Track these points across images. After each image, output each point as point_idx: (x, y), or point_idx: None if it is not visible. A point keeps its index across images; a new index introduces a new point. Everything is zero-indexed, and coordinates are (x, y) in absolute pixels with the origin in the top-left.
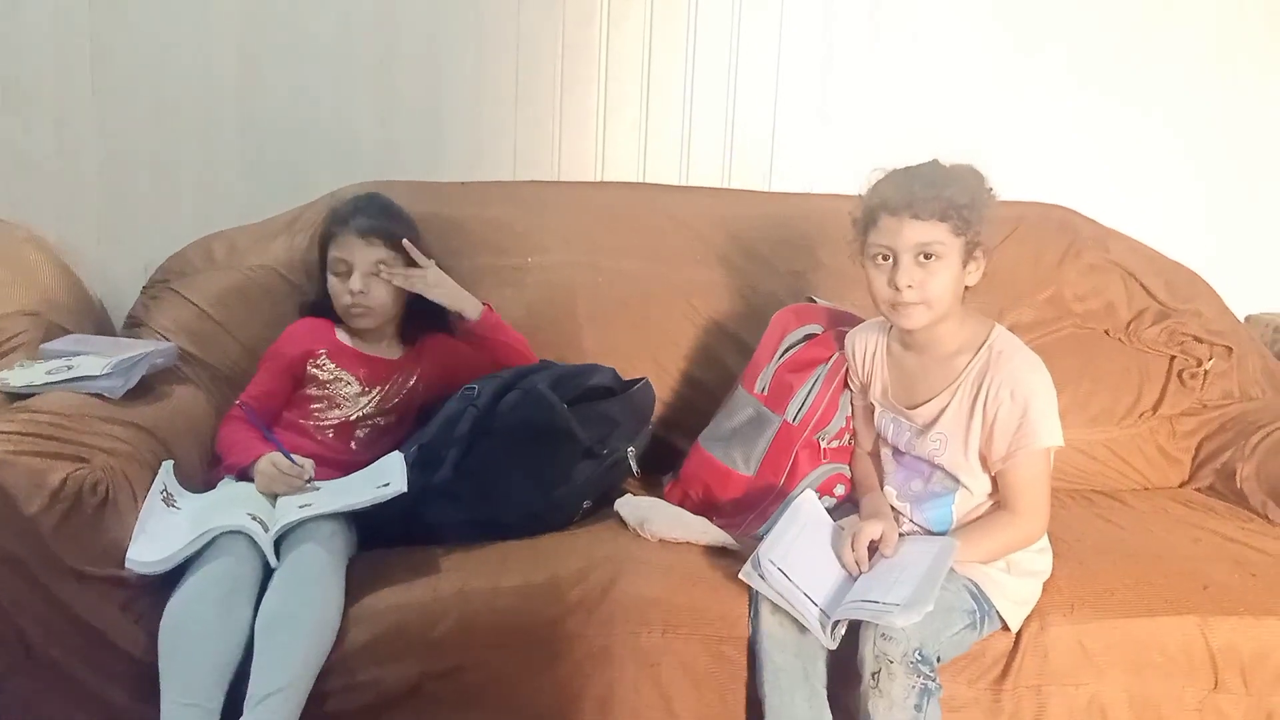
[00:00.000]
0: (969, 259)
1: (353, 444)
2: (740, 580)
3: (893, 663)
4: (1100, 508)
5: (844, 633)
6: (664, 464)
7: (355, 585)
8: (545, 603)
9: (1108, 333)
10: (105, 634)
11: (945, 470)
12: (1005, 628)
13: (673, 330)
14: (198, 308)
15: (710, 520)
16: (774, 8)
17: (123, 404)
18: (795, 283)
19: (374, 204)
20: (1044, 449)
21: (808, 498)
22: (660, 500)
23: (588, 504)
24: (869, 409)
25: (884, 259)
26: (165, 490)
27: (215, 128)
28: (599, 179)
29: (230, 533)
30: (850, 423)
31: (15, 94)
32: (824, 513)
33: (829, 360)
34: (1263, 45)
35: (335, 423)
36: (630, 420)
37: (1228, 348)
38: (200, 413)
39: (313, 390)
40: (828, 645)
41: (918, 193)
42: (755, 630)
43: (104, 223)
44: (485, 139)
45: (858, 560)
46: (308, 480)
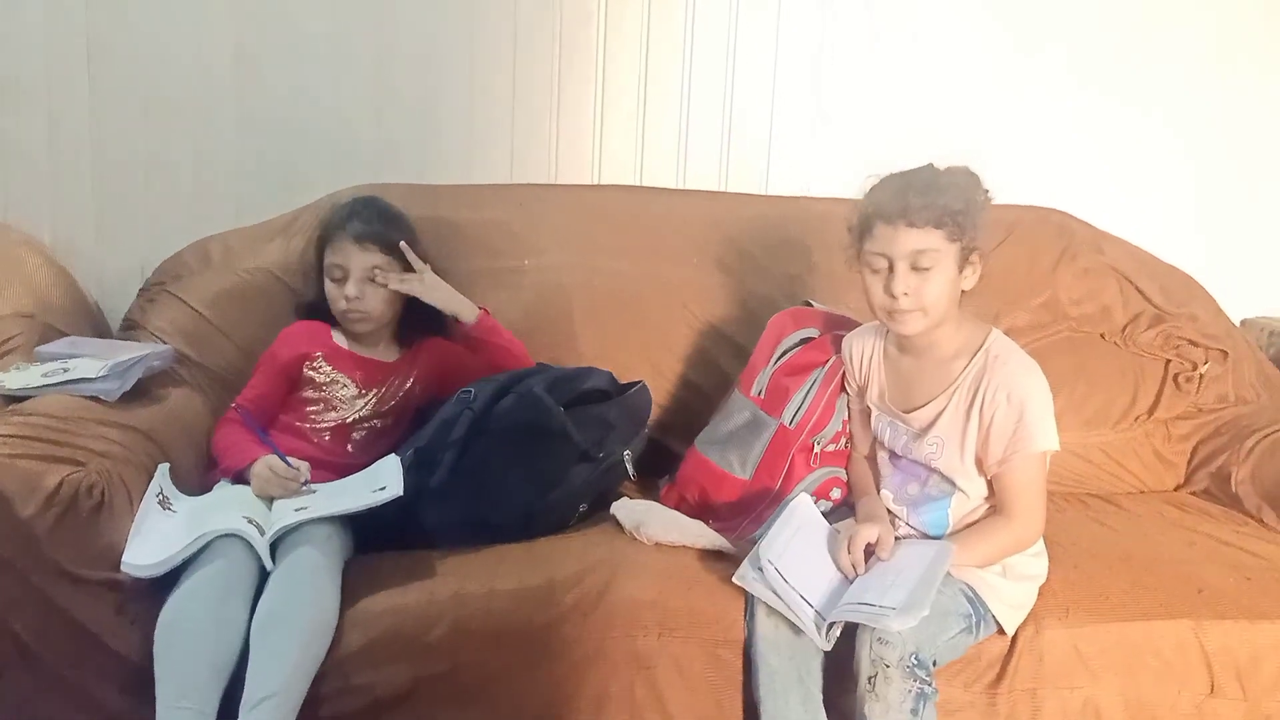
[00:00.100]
0: (965, 264)
1: (349, 446)
2: (736, 584)
3: (889, 667)
4: (1095, 511)
5: (839, 634)
6: (660, 467)
7: (351, 588)
8: (541, 606)
9: (1103, 336)
10: (100, 637)
11: (942, 474)
12: (1001, 632)
13: (669, 333)
14: (194, 310)
15: (706, 523)
16: (771, 10)
17: (119, 407)
18: (792, 286)
19: (370, 208)
20: (1040, 453)
21: (803, 501)
22: (656, 503)
23: (584, 507)
24: (866, 412)
25: (880, 267)
26: (161, 493)
27: (211, 129)
28: (596, 181)
29: (226, 536)
30: (846, 426)
31: (11, 95)
32: (819, 516)
33: (826, 364)
34: (1260, 48)
35: (331, 425)
36: (626, 423)
37: (1223, 351)
38: (196, 415)
39: (309, 393)
40: (823, 646)
41: (912, 201)
42: (751, 633)
43: (100, 225)
44: (482, 141)
45: (853, 563)
46: (303, 483)
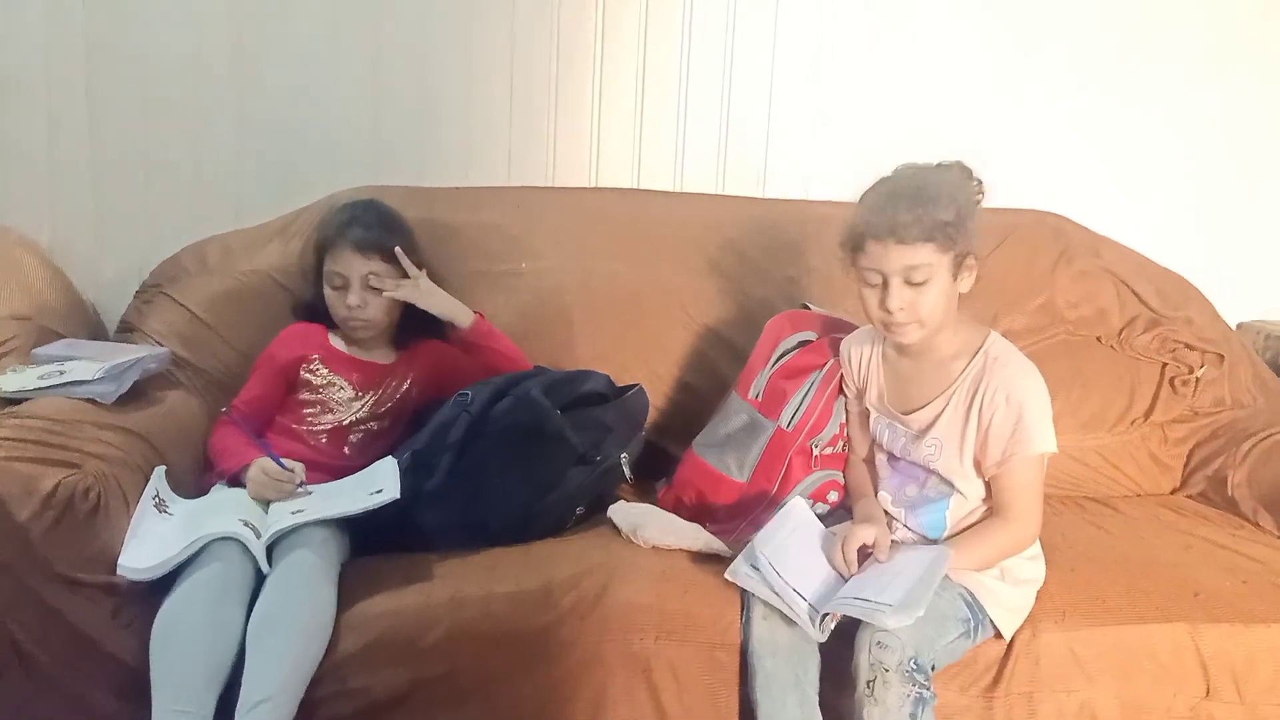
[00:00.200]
0: (959, 270)
1: (346, 449)
2: (733, 586)
3: (888, 671)
4: (1092, 514)
5: (834, 628)
6: (657, 470)
7: (347, 591)
8: (538, 609)
9: (1100, 339)
10: (96, 640)
11: (940, 475)
12: (998, 635)
13: (666, 336)
14: (191, 312)
15: (703, 526)
16: (769, 11)
17: (115, 409)
18: (789, 289)
19: (369, 213)
20: (1037, 455)
21: (799, 504)
22: (653, 506)
23: (581, 510)
24: (864, 415)
25: (874, 281)
26: (158, 496)
27: (209, 131)
28: (593, 184)
29: (222, 539)
30: (844, 429)
31: (9, 96)
32: (815, 518)
33: (823, 367)
34: (1256, 52)
35: (328, 428)
36: (624, 426)
37: (1219, 355)
38: (193, 418)
39: (306, 395)
40: (817, 638)
41: (900, 217)
42: (747, 636)
43: (97, 226)
44: (480, 142)
45: (847, 562)
46: (299, 484)
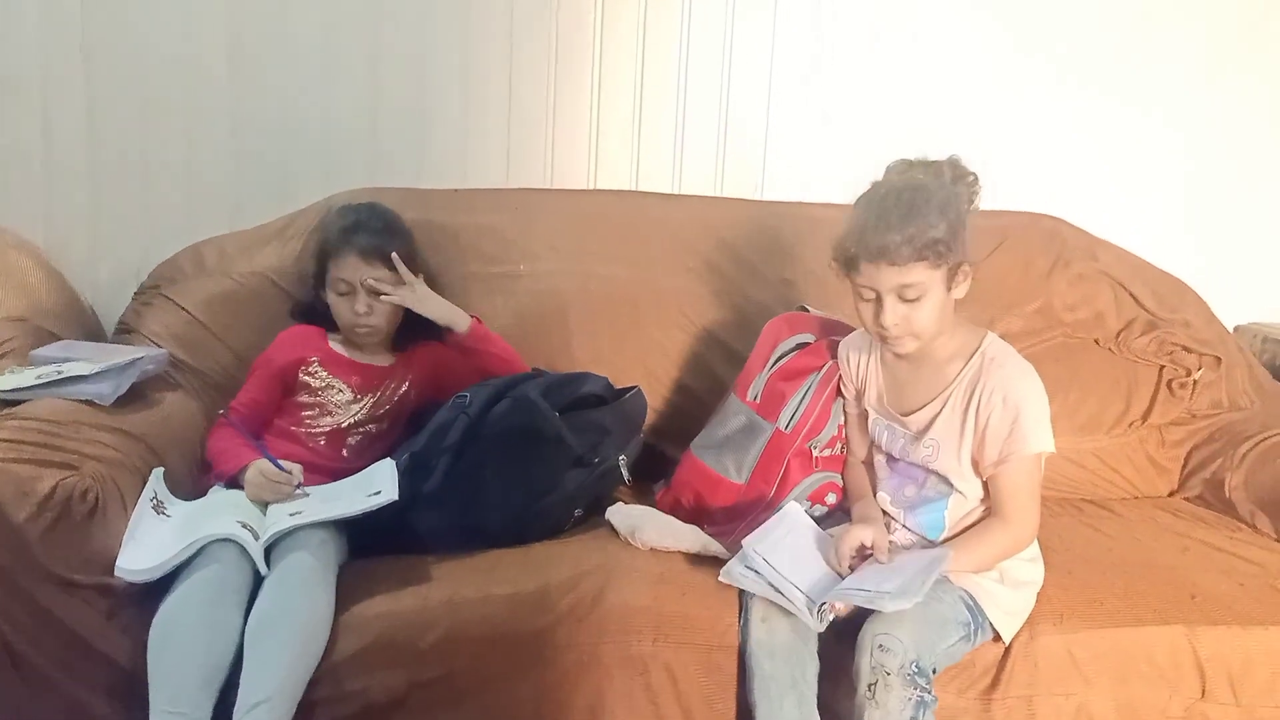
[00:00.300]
0: (953, 281)
1: (344, 451)
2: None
3: (889, 674)
4: (1089, 517)
5: (831, 619)
6: (655, 472)
7: (345, 593)
8: (535, 611)
9: (1097, 342)
10: (92, 642)
11: (939, 475)
12: (997, 638)
13: (665, 338)
14: (189, 314)
15: (701, 528)
16: (767, 13)
17: (113, 410)
18: (787, 291)
19: (375, 219)
20: (1035, 455)
21: (794, 508)
22: (651, 509)
23: (579, 512)
24: (862, 416)
25: (869, 297)
26: (155, 497)
27: (206, 133)
28: (591, 186)
29: (220, 540)
30: (842, 431)
31: (6, 98)
32: (811, 521)
33: (821, 369)
34: (1254, 55)
35: (327, 430)
36: (622, 428)
37: (1216, 357)
38: (191, 419)
39: (304, 398)
40: (815, 628)
41: (890, 238)
42: (745, 638)
43: (94, 228)
44: (477, 145)
45: (840, 558)
46: (296, 486)
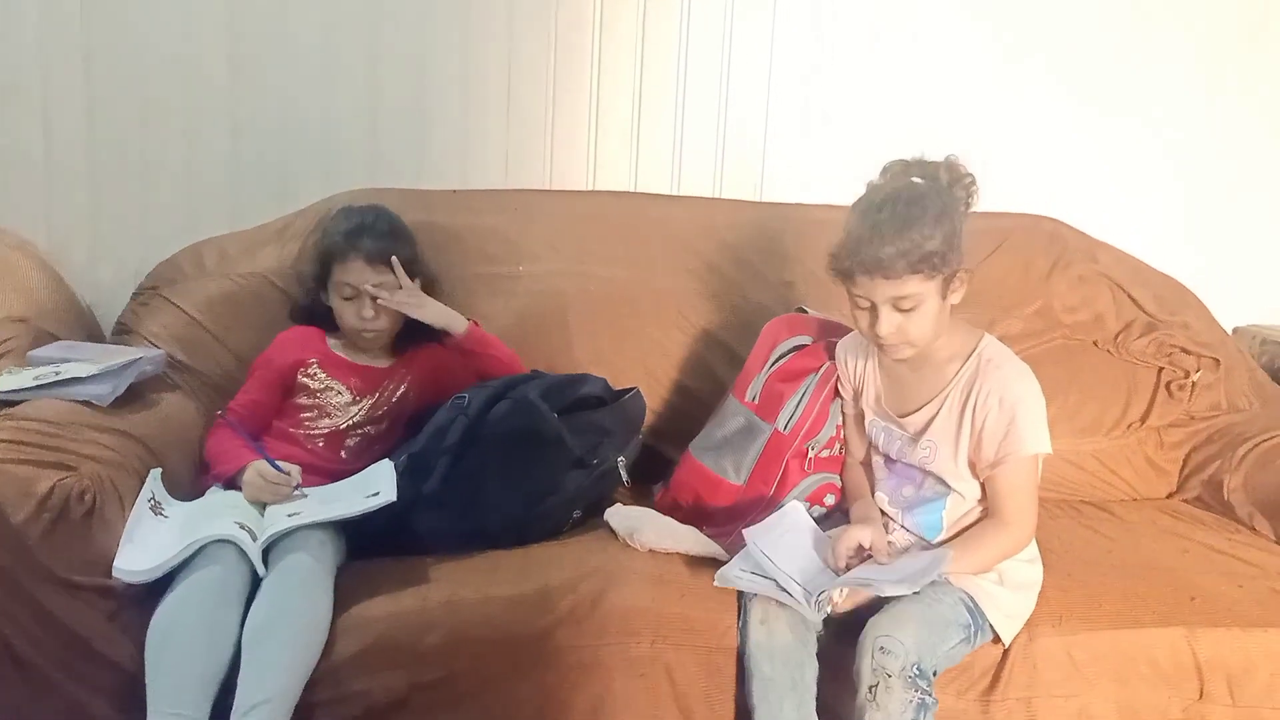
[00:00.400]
0: (949, 289)
1: (343, 453)
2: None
3: (890, 677)
4: (1088, 518)
5: (829, 610)
6: (654, 473)
7: (344, 595)
8: (535, 613)
9: (1096, 344)
10: (91, 644)
11: (936, 476)
12: (996, 639)
13: (664, 339)
14: (187, 315)
15: (700, 530)
16: (766, 14)
17: (111, 411)
18: (786, 293)
19: (380, 222)
20: (1031, 456)
21: (795, 507)
22: (650, 510)
23: (578, 513)
24: (860, 417)
25: (864, 305)
26: (153, 498)
27: (206, 134)
28: (591, 187)
29: (218, 541)
30: (840, 432)
31: (6, 100)
32: (811, 521)
33: (819, 370)
34: (1251, 58)
35: (326, 432)
36: (621, 429)
37: (1215, 359)
38: (189, 420)
39: (303, 399)
40: (812, 618)
41: (884, 252)
42: (744, 640)
43: (94, 229)
44: (477, 146)
45: (836, 557)
46: (295, 487)
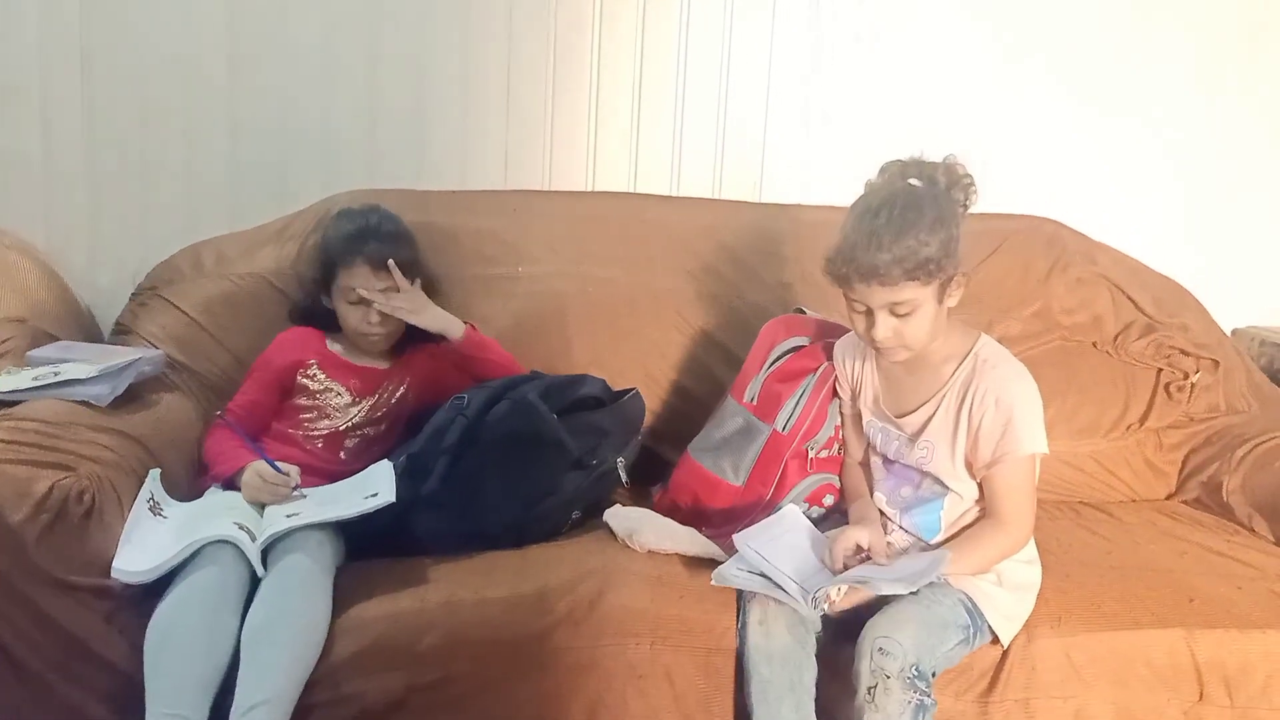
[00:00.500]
0: (945, 293)
1: (342, 454)
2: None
3: (889, 678)
4: (1087, 520)
5: (826, 608)
6: (653, 474)
7: (342, 595)
8: (533, 614)
9: (1095, 345)
10: (89, 645)
11: (934, 476)
12: (995, 641)
13: (662, 340)
14: (186, 315)
15: (699, 531)
16: (766, 15)
17: (110, 412)
18: (784, 294)
19: (383, 226)
20: (1028, 456)
21: (792, 510)
22: (649, 511)
23: (576, 514)
24: (858, 417)
25: (860, 309)
26: (152, 499)
27: (204, 135)
28: (590, 187)
29: (217, 542)
30: (839, 432)
31: (5, 101)
32: (808, 523)
33: (817, 370)
34: (1247, 60)
35: (325, 433)
36: (620, 431)
37: (1214, 361)
38: (188, 421)
39: (302, 400)
40: (809, 615)
41: (880, 259)
42: (743, 641)
43: (93, 229)
44: (476, 147)
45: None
46: (294, 487)
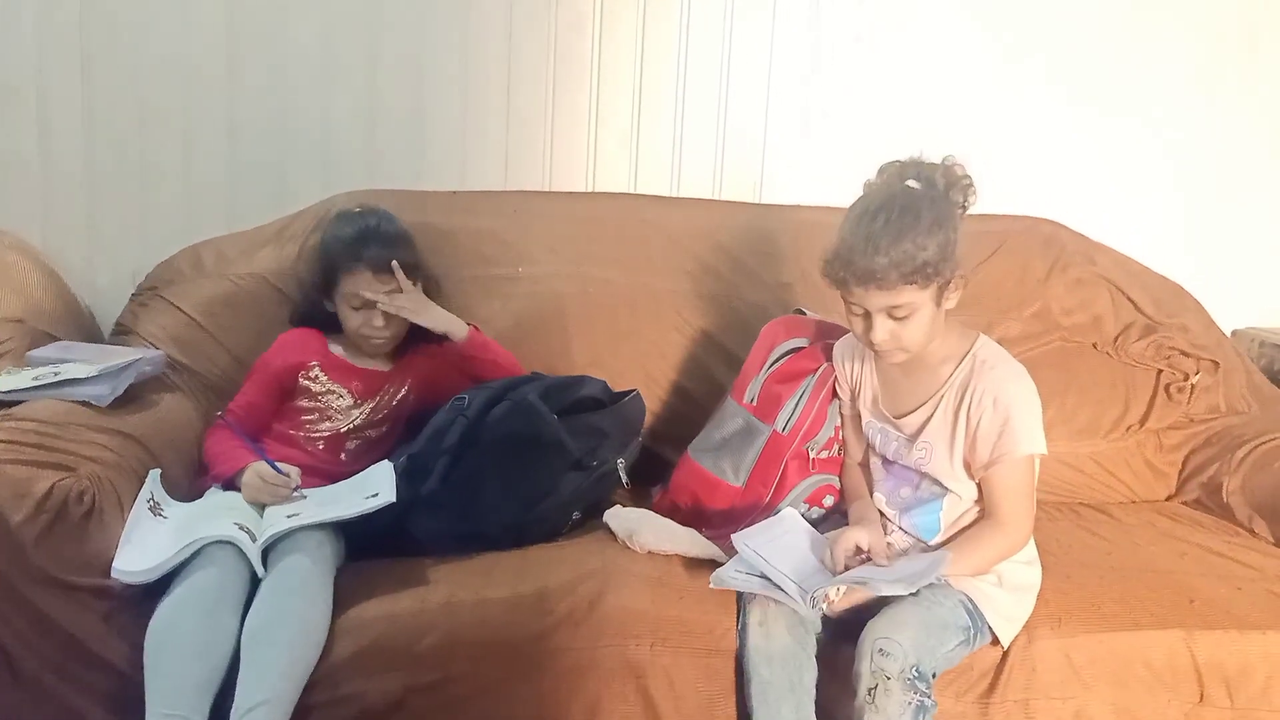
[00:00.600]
0: (944, 295)
1: (343, 455)
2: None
3: (890, 679)
4: (1087, 521)
5: (825, 608)
6: (653, 475)
7: (342, 596)
8: (533, 615)
9: (1095, 346)
10: (88, 645)
11: (933, 478)
12: (995, 642)
13: (662, 341)
14: (186, 315)
15: (699, 532)
16: (765, 17)
17: (110, 412)
18: (783, 294)
19: (383, 229)
20: (1026, 456)
21: (790, 513)
22: (649, 512)
23: (577, 515)
24: (858, 417)
25: (858, 312)
26: (152, 499)
27: (203, 135)
28: (590, 188)
29: (217, 542)
30: (839, 432)
31: (4, 102)
32: (807, 525)
33: (817, 371)
34: (1246, 61)
35: (326, 435)
36: (620, 432)
37: (1214, 362)
38: (188, 421)
39: (304, 402)
40: (807, 614)
41: (878, 264)
42: (743, 644)
43: (92, 230)
44: (476, 147)
45: (835, 560)
46: (294, 488)
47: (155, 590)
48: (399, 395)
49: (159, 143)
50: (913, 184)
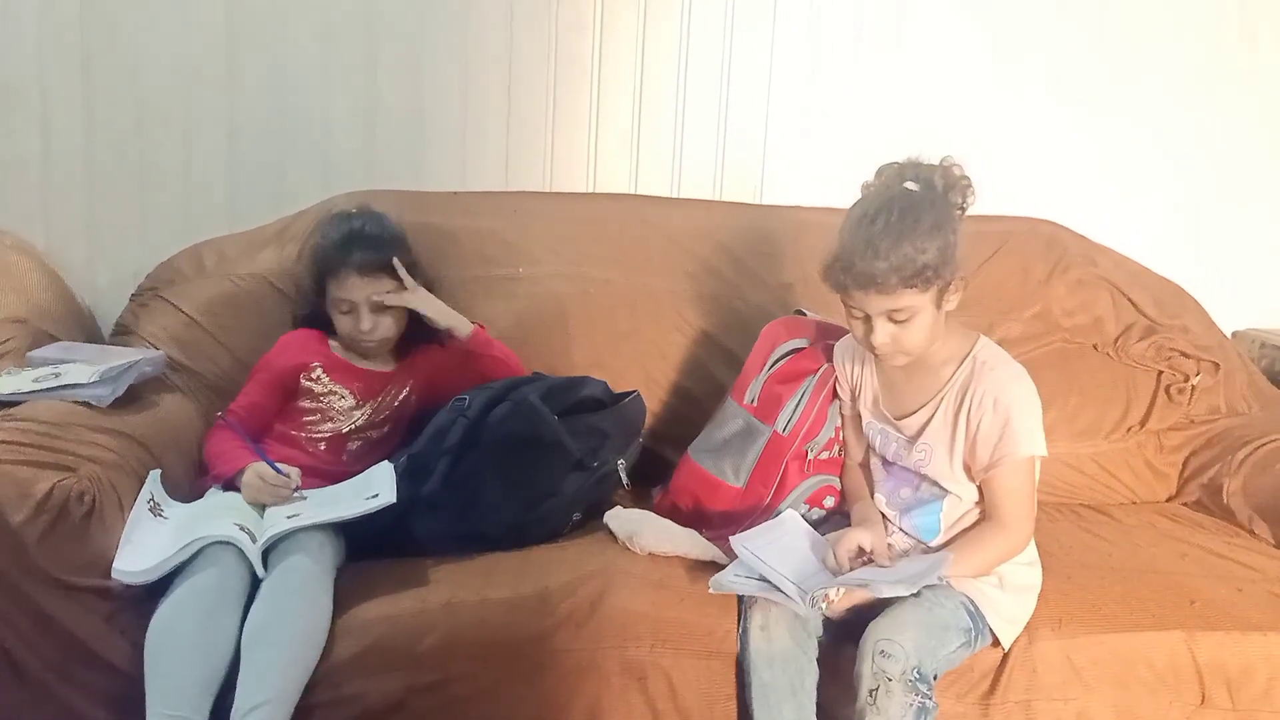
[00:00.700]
0: (944, 298)
1: (344, 456)
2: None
3: (891, 680)
4: (1088, 522)
5: (825, 608)
6: (654, 475)
7: (343, 596)
8: (533, 616)
9: (1096, 347)
10: (89, 646)
11: (932, 479)
12: (996, 643)
13: (663, 342)
14: (187, 316)
15: (700, 533)
16: (766, 19)
17: (110, 412)
18: (784, 295)
19: (369, 231)
20: (1027, 458)
21: (791, 515)
22: (650, 513)
23: (577, 516)
24: (858, 418)
25: (859, 315)
26: (152, 499)
27: (204, 136)
28: (591, 189)
29: (217, 543)
30: (839, 433)
31: (5, 103)
32: (808, 527)
33: (817, 372)
34: (1246, 62)
35: (327, 435)
36: (621, 432)
37: (1215, 363)
38: (188, 421)
39: (306, 403)
40: (807, 614)
41: (877, 267)
42: (743, 646)
43: (92, 230)
44: (476, 148)
45: (839, 563)
46: (294, 489)
47: (156, 591)
48: (401, 396)
49: (159, 143)
50: (911, 186)
